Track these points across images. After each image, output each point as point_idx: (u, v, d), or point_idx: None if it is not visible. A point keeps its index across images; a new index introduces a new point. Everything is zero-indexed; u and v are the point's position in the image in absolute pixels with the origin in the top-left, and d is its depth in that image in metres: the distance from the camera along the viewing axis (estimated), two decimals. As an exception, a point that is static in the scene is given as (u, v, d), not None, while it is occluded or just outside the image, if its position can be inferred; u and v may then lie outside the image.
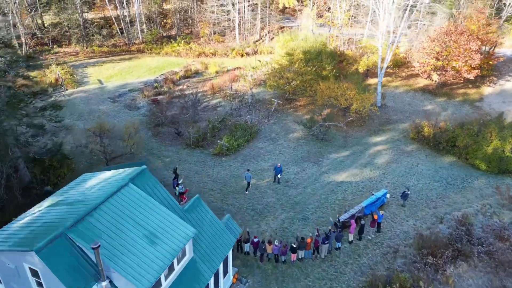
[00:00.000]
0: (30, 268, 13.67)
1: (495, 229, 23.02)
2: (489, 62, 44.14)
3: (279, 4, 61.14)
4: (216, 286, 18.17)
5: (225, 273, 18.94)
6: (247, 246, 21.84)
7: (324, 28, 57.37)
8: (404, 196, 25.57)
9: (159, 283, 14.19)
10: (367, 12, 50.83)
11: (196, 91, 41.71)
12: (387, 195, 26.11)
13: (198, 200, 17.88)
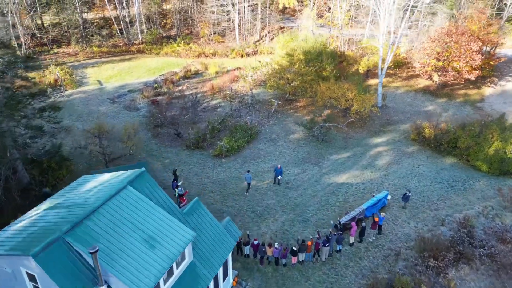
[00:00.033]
0: (27, 273, 13.52)
1: (497, 231, 22.92)
2: (490, 62, 44.07)
3: (279, 4, 60.97)
4: (216, 290, 18.01)
5: (225, 276, 18.78)
6: (247, 249, 21.68)
7: (324, 29, 57.22)
8: (405, 198, 25.42)
9: (158, 288, 14.04)
10: (368, 12, 50.75)
11: (196, 92, 41.56)
12: (388, 197, 25.99)
13: (198, 202, 17.73)
